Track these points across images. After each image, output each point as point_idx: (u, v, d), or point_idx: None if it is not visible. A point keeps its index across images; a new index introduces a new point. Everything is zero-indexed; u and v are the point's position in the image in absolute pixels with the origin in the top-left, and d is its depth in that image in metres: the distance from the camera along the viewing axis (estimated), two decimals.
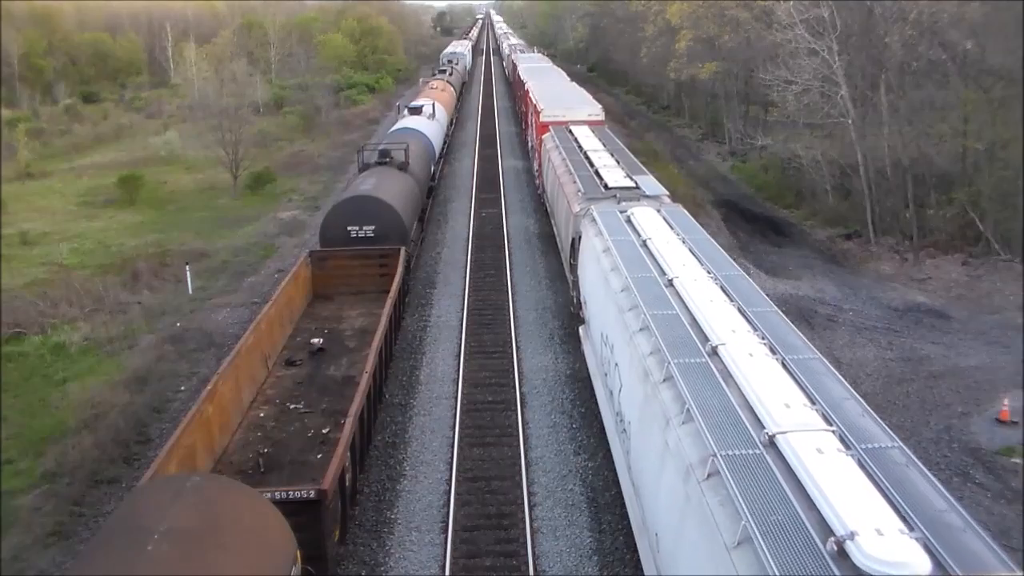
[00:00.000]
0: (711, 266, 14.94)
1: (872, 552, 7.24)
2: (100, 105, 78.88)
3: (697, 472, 9.32)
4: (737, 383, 10.57)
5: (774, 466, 8.74)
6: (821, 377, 10.71)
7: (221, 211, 40.57)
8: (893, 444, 9.14)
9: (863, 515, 7.74)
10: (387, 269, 22.91)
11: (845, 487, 8.23)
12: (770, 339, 11.74)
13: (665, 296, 13.72)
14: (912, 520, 7.78)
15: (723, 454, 9.02)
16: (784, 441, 9.05)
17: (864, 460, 8.75)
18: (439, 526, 15.01)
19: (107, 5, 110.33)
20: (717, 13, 49.53)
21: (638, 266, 15.30)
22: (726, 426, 9.64)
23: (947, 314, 25.58)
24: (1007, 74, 29.34)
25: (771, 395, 10.07)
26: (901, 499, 8.12)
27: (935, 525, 7.74)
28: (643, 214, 18.62)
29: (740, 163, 50.36)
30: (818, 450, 8.84)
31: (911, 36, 32.33)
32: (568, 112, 36.82)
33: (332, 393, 17.43)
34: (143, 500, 9.42)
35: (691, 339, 12.00)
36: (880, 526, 7.59)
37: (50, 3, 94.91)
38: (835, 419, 9.56)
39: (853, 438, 9.17)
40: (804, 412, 9.73)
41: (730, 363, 11.04)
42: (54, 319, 25.32)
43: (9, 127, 58.53)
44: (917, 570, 7.15)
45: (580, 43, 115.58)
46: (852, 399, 10.17)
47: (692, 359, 11.36)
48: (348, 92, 77.75)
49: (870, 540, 7.37)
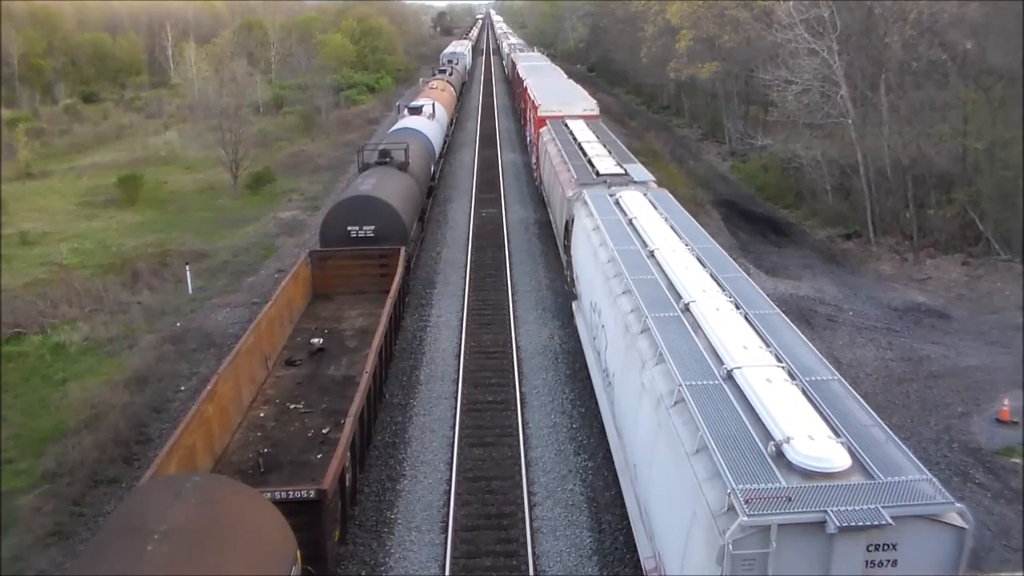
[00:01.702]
0: (689, 240, 16.84)
1: (803, 451, 9.02)
2: (100, 105, 78.88)
3: (666, 401, 11.02)
4: (704, 332, 12.31)
5: (730, 393, 10.54)
6: (779, 328, 12.50)
7: (221, 211, 40.57)
8: (834, 377, 10.90)
9: (799, 426, 9.50)
10: (387, 269, 22.91)
11: (787, 407, 9.96)
12: (736, 298, 13.58)
13: (646, 264, 15.55)
14: (840, 430, 9.55)
15: (687, 384, 10.77)
16: (739, 374, 10.86)
17: (807, 388, 10.53)
18: (439, 526, 15.01)
19: (107, 5, 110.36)
20: (717, 13, 49.47)
21: (623, 240, 17.05)
22: (692, 364, 11.38)
23: (947, 314, 25.57)
24: (1007, 74, 29.34)
25: (732, 340, 11.86)
26: (834, 416, 9.86)
27: (860, 436, 9.51)
28: (630, 197, 20.41)
29: (740, 163, 50.34)
30: (767, 380, 10.64)
31: (911, 36, 32.31)
32: (564, 107, 38.26)
33: (332, 393, 17.43)
34: (143, 500, 9.42)
35: (667, 298, 13.84)
36: (812, 434, 9.35)
37: (50, 3, 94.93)
38: (785, 358, 11.32)
39: (799, 373, 10.95)
40: (759, 353, 11.55)
41: (699, 316, 12.84)
42: (54, 319, 25.32)
43: (9, 127, 58.53)
44: (838, 465, 8.88)
45: (580, 43, 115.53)
46: (804, 345, 11.94)
47: (666, 313, 13.19)
48: (348, 92, 77.74)
49: (803, 443, 9.15)
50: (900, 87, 33.70)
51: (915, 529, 8.44)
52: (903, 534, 8.41)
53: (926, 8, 31.76)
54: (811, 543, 8.39)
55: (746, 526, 8.25)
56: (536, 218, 35.40)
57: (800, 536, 8.37)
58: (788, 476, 8.84)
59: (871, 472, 8.89)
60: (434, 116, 41.91)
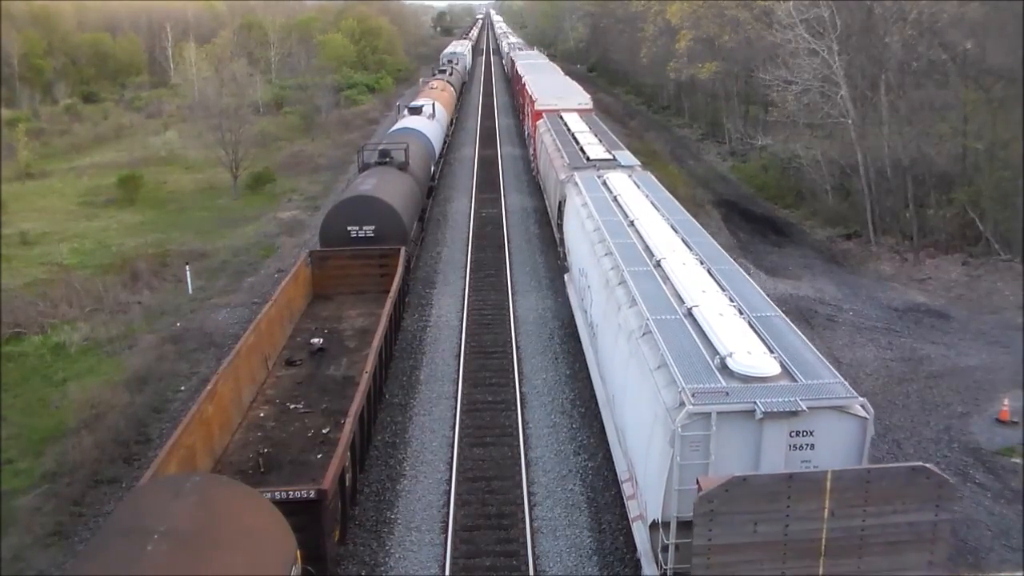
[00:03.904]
0: (666, 213, 19.22)
1: (741, 362, 11.32)
2: (100, 105, 78.88)
3: (636, 333, 13.29)
4: (671, 281, 14.64)
5: (688, 325, 12.81)
6: (736, 278, 14.83)
7: (221, 211, 40.57)
8: (776, 314, 13.26)
9: (741, 345, 11.78)
10: (387, 269, 22.91)
11: (733, 332, 12.23)
12: (702, 255, 15.99)
13: (626, 231, 17.89)
14: (775, 349, 11.83)
15: (654, 319, 13.04)
16: (697, 311, 13.15)
17: (752, 321, 12.82)
18: (439, 526, 15.01)
19: (107, 5, 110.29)
20: (717, 13, 49.48)
21: (608, 212, 19.46)
22: (658, 304, 13.69)
23: (947, 314, 25.56)
24: (1007, 74, 29.31)
25: (694, 286, 14.24)
26: (771, 339, 12.11)
27: (790, 353, 11.77)
28: (616, 178, 22.91)
29: (740, 163, 50.33)
30: (720, 314, 12.97)
31: (911, 36, 32.29)
32: (560, 101, 40.25)
33: (332, 393, 17.42)
34: (143, 500, 9.42)
35: (642, 256, 16.18)
36: (751, 351, 11.65)
37: (50, 3, 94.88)
38: (737, 300, 13.66)
39: (748, 309, 13.24)
40: (716, 295, 13.93)
41: (668, 270, 15.12)
42: (54, 319, 25.32)
43: (9, 127, 58.46)
44: (769, 372, 11.18)
45: (580, 43, 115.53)
46: (754, 291, 14.27)
47: (641, 268, 15.48)
48: (348, 92, 77.74)
49: (742, 357, 11.43)
50: (900, 87, 33.69)
51: (827, 418, 10.56)
52: (818, 422, 10.52)
53: (926, 8, 31.74)
54: (744, 428, 10.51)
55: (691, 413, 10.42)
56: (534, 205, 36.68)
57: (735, 422, 10.49)
58: (728, 380, 11.04)
59: (795, 377, 11.13)
60: (434, 116, 41.92)
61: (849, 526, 9.78)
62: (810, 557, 9.85)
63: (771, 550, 9.78)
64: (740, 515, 9.63)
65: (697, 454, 10.44)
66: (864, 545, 9.86)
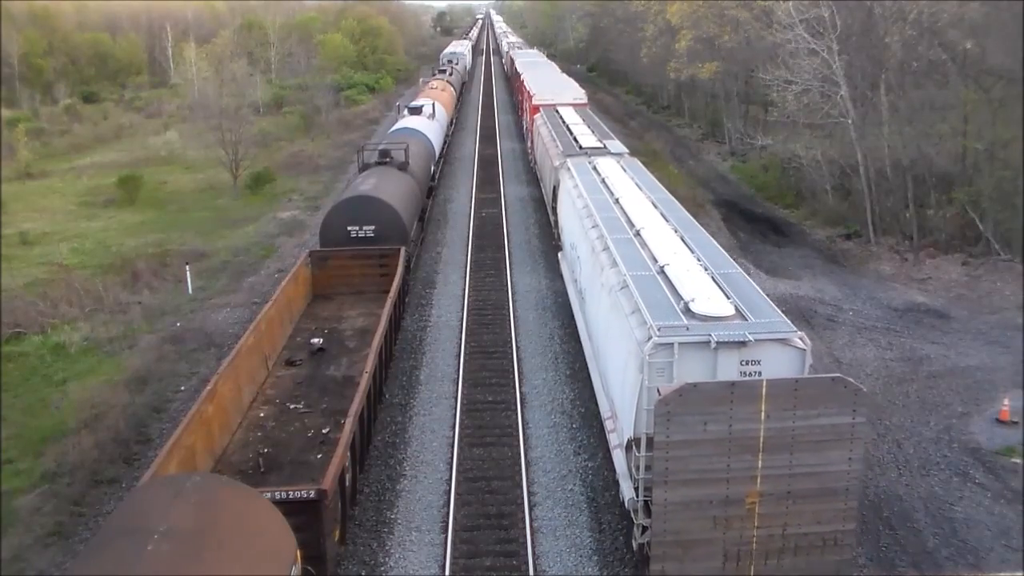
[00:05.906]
0: (648, 192, 21.43)
1: (702, 306, 13.24)
2: (100, 105, 78.87)
3: (616, 288, 15.26)
4: (649, 247, 16.54)
5: (660, 279, 14.73)
6: (705, 244, 16.96)
7: (221, 211, 40.56)
8: (736, 270, 15.38)
9: (703, 293, 13.78)
10: (387, 269, 22.91)
11: (697, 283, 14.24)
12: (676, 225, 18.17)
13: (612, 207, 19.97)
14: (731, 296, 13.78)
15: (631, 275, 14.97)
16: (668, 269, 15.06)
17: (715, 276, 14.82)
18: (439, 526, 15.01)
19: (107, 5, 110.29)
20: (717, 13, 49.46)
21: (596, 192, 21.59)
22: (635, 263, 15.66)
23: (947, 314, 25.56)
24: (1007, 74, 29.29)
25: (667, 249, 16.30)
26: (730, 289, 14.08)
27: (745, 299, 13.69)
28: (606, 163, 24.91)
29: (740, 163, 50.29)
30: (687, 270, 14.97)
31: (911, 36, 32.27)
32: (556, 96, 42.24)
33: (332, 393, 17.42)
34: (143, 500, 9.41)
35: (623, 227, 18.20)
36: (710, 297, 13.65)
37: (50, 3, 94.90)
38: (704, 259, 15.72)
39: (712, 267, 15.28)
40: (686, 256, 15.94)
41: (646, 237, 17.16)
42: (54, 319, 25.31)
43: (9, 127, 58.48)
44: (725, 313, 13.03)
45: (580, 43, 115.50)
46: (720, 253, 16.38)
47: (622, 236, 17.46)
48: (348, 92, 77.72)
49: (702, 302, 13.39)
50: (900, 87, 33.68)
51: (771, 349, 12.39)
52: (763, 353, 12.34)
53: (926, 8, 31.72)
54: (702, 357, 12.33)
55: (657, 344, 12.32)
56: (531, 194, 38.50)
57: (694, 352, 12.32)
58: (690, 319, 12.92)
59: (747, 317, 12.98)
60: (434, 116, 41.92)
61: (782, 427, 11.54)
62: (750, 452, 11.64)
63: (718, 446, 11.53)
64: (692, 416, 11.35)
65: (663, 379, 12.19)
66: (795, 443, 11.64)
